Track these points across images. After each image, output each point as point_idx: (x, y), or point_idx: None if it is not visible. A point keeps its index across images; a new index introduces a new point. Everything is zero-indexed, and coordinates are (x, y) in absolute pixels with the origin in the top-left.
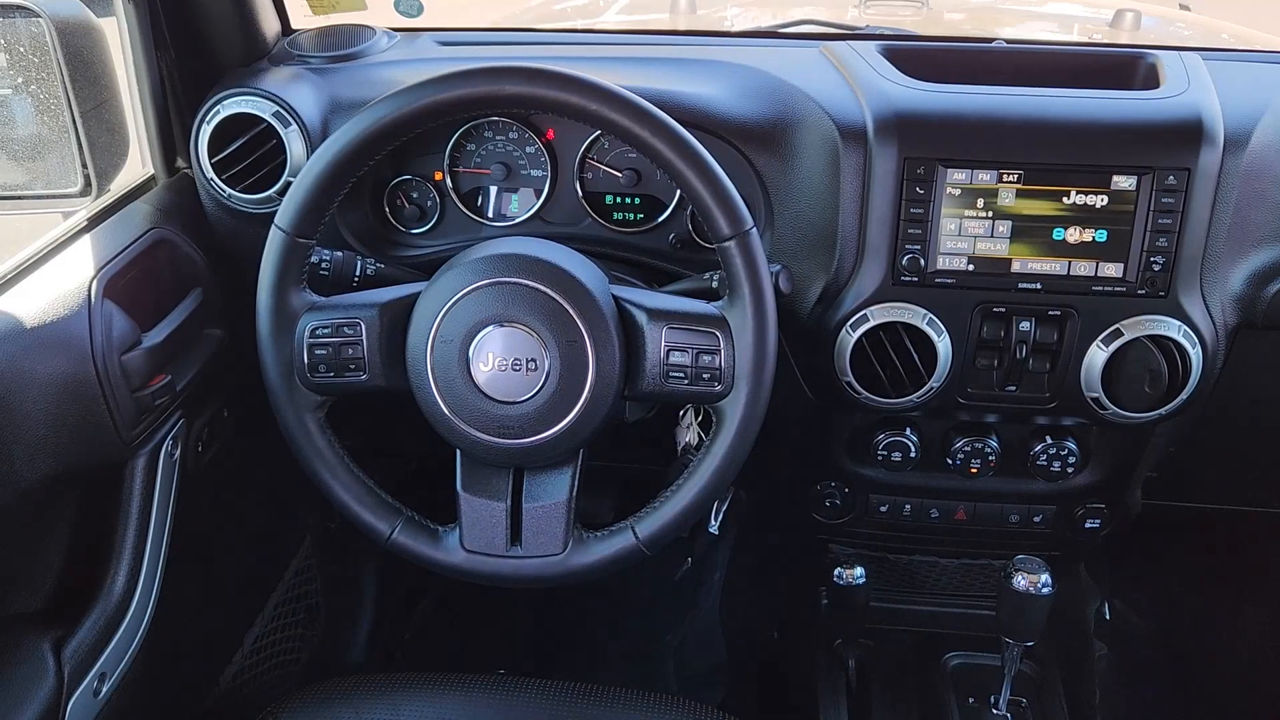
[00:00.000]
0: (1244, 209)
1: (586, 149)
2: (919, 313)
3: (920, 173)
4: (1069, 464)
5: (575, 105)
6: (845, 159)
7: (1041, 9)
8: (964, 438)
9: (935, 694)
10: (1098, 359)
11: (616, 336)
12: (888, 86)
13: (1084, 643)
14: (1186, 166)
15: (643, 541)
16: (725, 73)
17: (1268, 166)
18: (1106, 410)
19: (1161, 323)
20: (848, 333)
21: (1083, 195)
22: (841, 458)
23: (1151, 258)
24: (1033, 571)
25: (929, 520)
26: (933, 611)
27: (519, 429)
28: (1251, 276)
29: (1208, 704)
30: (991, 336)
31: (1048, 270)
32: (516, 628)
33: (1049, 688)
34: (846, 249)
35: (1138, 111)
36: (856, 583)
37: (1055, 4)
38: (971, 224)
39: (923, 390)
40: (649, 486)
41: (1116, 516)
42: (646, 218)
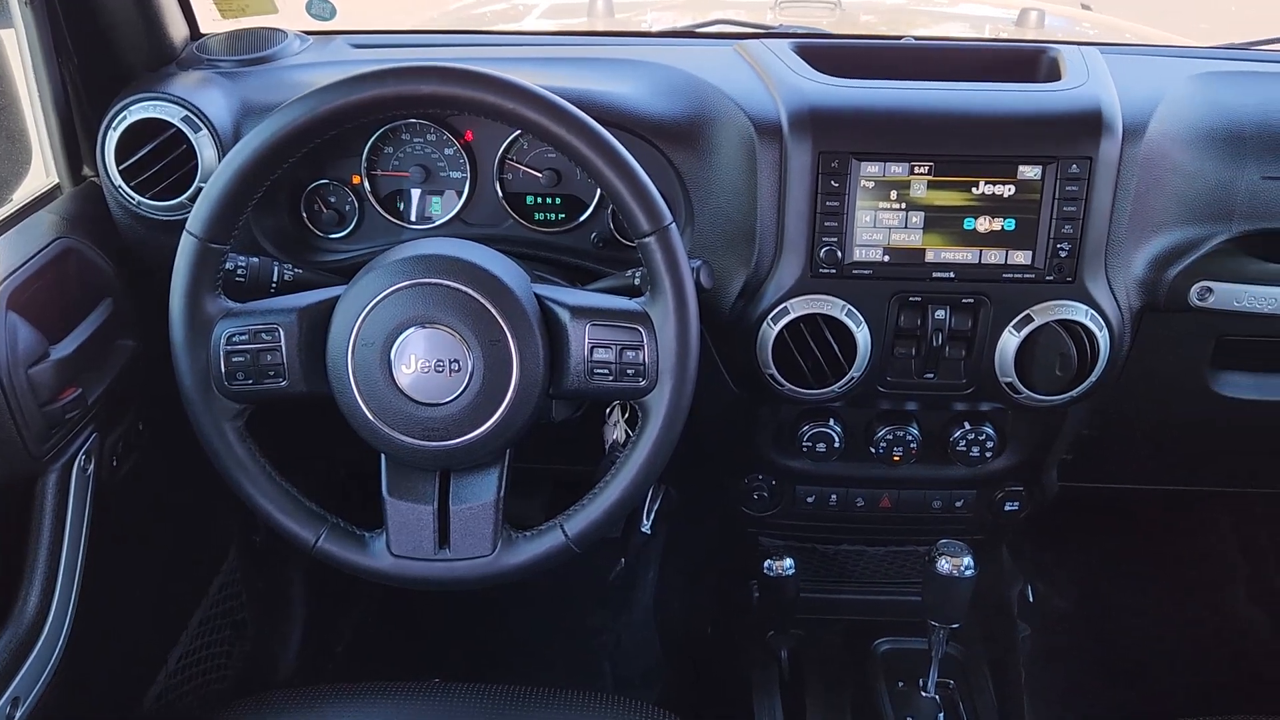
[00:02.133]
0: (1143, 196)
1: (506, 150)
2: (837, 304)
3: (834, 166)
4: (987, 449)
5: (491, 105)
6: (761, 154)
7: (953, 10)
8: (886, 426)
9: (866, 680)
10: (1010, 344)
11: (540, 335)
12: (801, 82)
13: (1008, 624)
14: (1088, 155)
15: (572, 539)
16: (642, 72)
17: (1164, 155)
18: (1020, 394)
19: (1069, 307)
20: (769, 325)
21: (991, 185)
22: (767, 450)
23: (1058, 245)
24: (955, 555)
25: (855, 509)
26: (862, 599)
27: (444, 431)
28: (1153, 261)
29: (1129, 680)
30: (908, 325)
31: (960, 259)
32: (451, 633)
33: (975, 669)
34: (765, 243)
35: (1040, 103)
36: (786, 574)
37: (966, 5)
38: (886, 215)
39: (844, 380)
40: (579, 486)
41: (1034, 499)
42: (568, 217)
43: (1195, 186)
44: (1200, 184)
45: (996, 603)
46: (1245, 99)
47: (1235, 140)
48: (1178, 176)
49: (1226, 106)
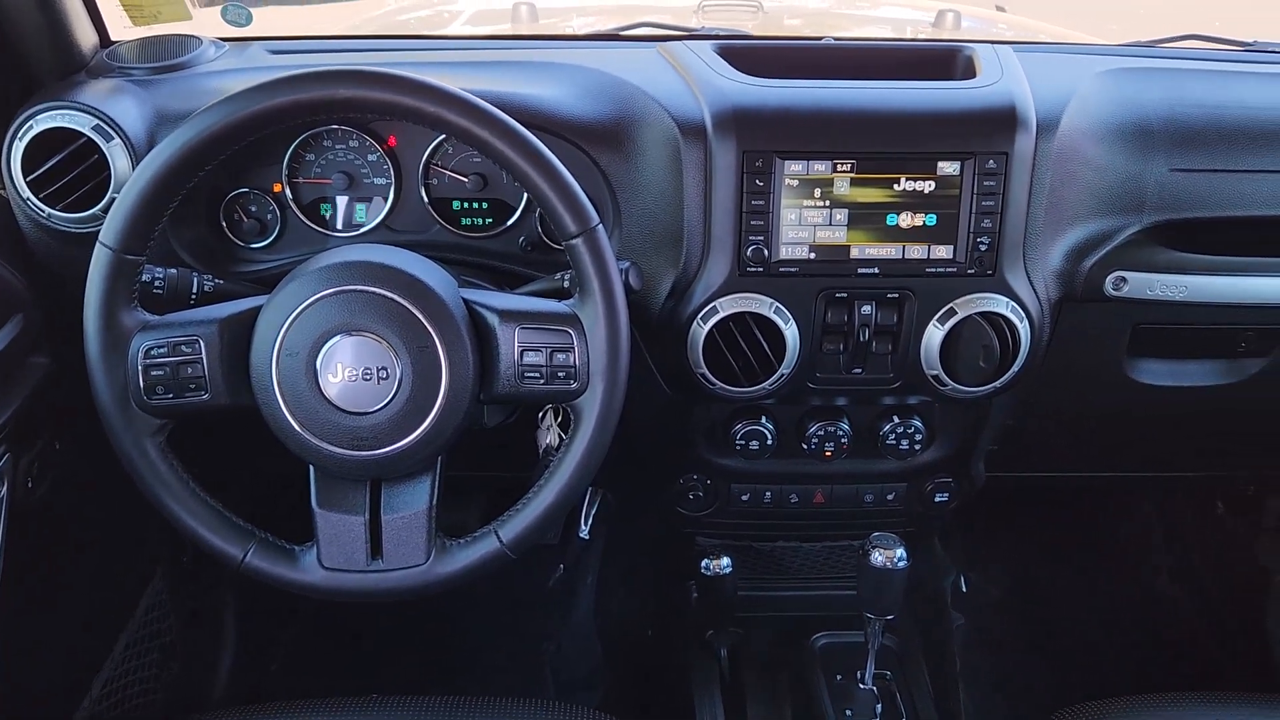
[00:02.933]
0: (1058, 189)
1: (430, 155)
2: (766, 302)
3: (759, 165)
4: (916, 441)
5: (412, 108)
6: (686, 155)
7: (874, 13)
8: (817, 422)
9: (805, 675)
10: (935, 338)
11: (469, 340)
12: (724, 83)
13: (942, 614)
14: (1004, 151)
15: (507, 545)
16: (565, 74)
17: (1076, 149)
18: (946, 386)
19: (991, 300)
20: (699, 325)
21: (912, 182)
22: (701, 449)
23: (978, 239)
24: (888, 547)
25: (789, 505)
26: (799, 595)
27: (373, 440)
28: (1069, 252)
29: (1060, 663)
30: (835, 321)
31: (884, 255)
32: (390, 645)
33: (911, 659)
34: (693, 243)
35: (957, 101)
36: (724, 572)
37: (886, 8)
38: (811, 213)
39: (774, 377)
40: (515, 493)
41: (963, 489)
42: (495, 221)
43: (1107, 180)
44: (1112, 177)
45: (930, 593)
46: (1152, 94)
47: (1143, 134)
48: (1090, 170)
49: (1134, 102)
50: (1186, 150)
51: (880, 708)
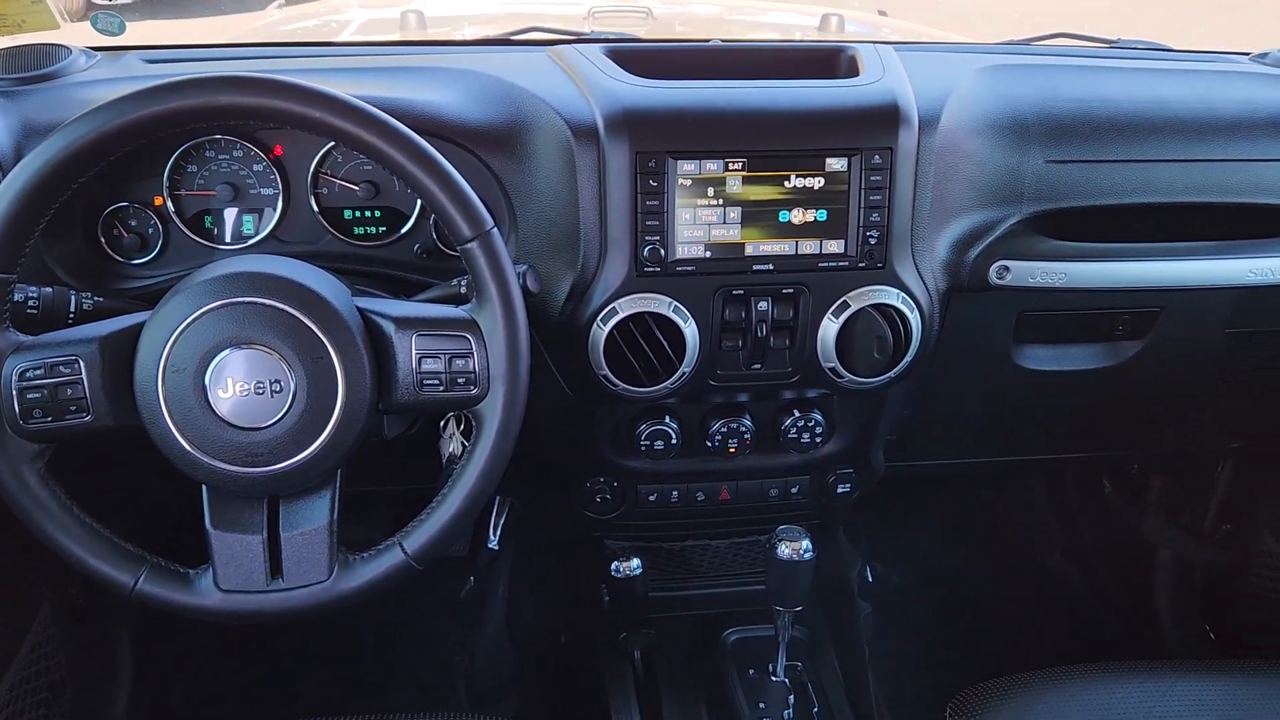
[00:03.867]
0: (941, 183)
1: (318, 163)
2: (665, 301)
3: (652, 165)
4: (817, 434)
5: (297, 115)
6: (580, 157)
7: (762, 18)
8: (720, 419)
9: (718, 671)
10: (830, 331)
11: (365, 349)
12: (614, 85)
13: (850, 604)
14: (888, 146)
15: (412, 556)
16: (455, 79)
17: (957, 143)
18: (843, 378)
19: (882, 292)
20: (599, 327)
21: (802, 178)
22: (607, 451)
23: (867, 233)
24: (794, 539)
25: (696, 503)
26: (710, 593)
27: (268, 455)
28: (954, 244)
29: (965, 646)
30: (733, 318)
31: (778, 251)
32: (298, 667)
33: (821, 649)
34: (590, 245)
35: (842, 98)
36: (634, 573)
37: (774, 14)
38: (705, 212)
39: (676, 376)
40: (422, 505)
41: (864, 479)
42: (389, 230)
43: (987, 172)
44: (991, 170)
45: (837, 584)
46: (1026, 89)
47: (1019, 128)
48: (971, 164)
49: (1010, 97)
50: (1059, 142)
51: (793, 699)
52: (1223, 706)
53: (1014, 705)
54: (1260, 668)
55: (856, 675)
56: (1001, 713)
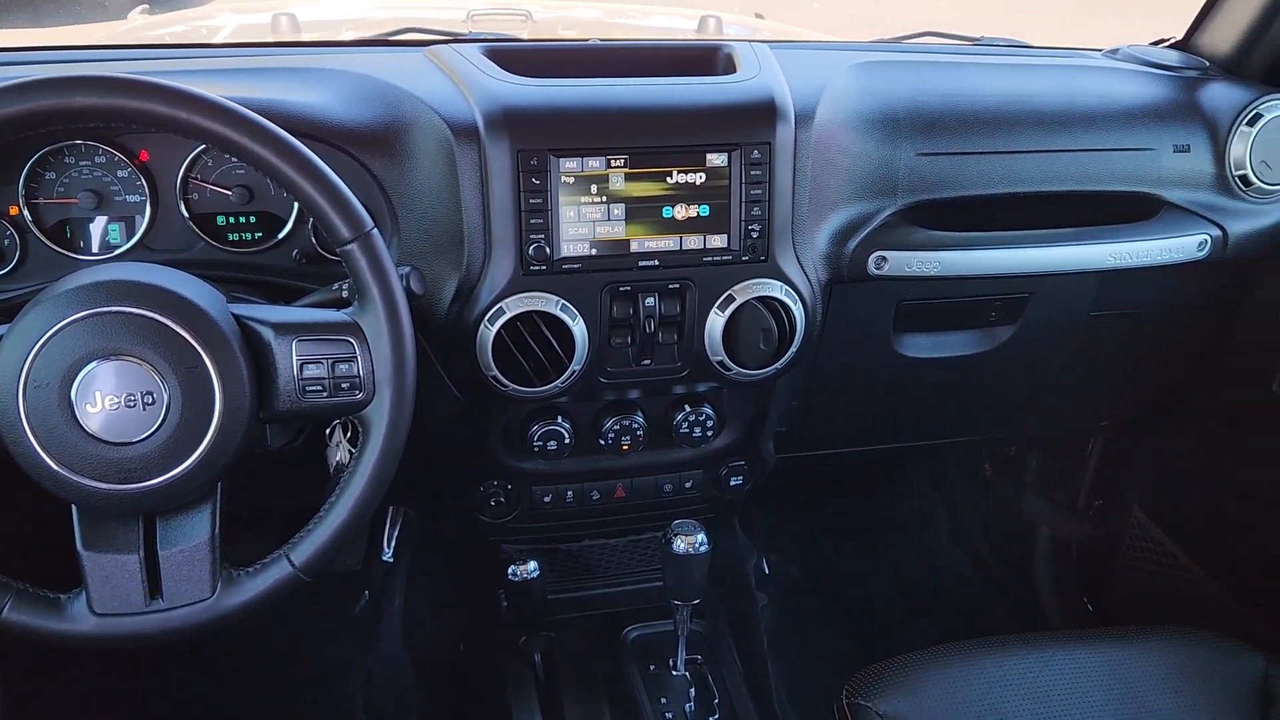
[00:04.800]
0: (819, 176)
1: (188, 168)
2: (552, 300)
3: (534, 164)
4: (708, 428)
5: (165, 116)
6: (461, 157)
7: (643, 22)
8: (612, 417)
9: (619, 669)
10: (717, 324)
11: (242, 356)
12: (493, 84)
13: (748, 596)
14: (766, 141)
15: (300, 568)
16: (330, 79)
17: (833, 138)
18: (731, 371)
19: (766, 285)
20: (486, 327)
21: (683, 174)
22: (499, 454)
23: (749, 226)
24: (689, 533)
25: (592, 502)
26: (609, 593)
27: (142, 470)
28: (833, 236)
29: (858, 631)
30: (621, 315)
31: (663, 247)
32: (187, 690)
33: (720, 642)
34: (474, 245)
35: (720, 94)
36: (531, 576)
37: (655, 18)
38: (589, 209)
39: (566, 375)
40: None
41: (755, 471)
42: (265, 235)
43: (862, 165)
44: (866, 163)
45: (734, 577)
46: (897, 85)
47: (891, 122)
48: (846, 157)
49: (881, 92)
50: (930, 136)
51: (694, 692)
52: (1099, 673)
53: (907, 683)
54: (1132, 633)
55: (756, 665)
56: (895, 691)
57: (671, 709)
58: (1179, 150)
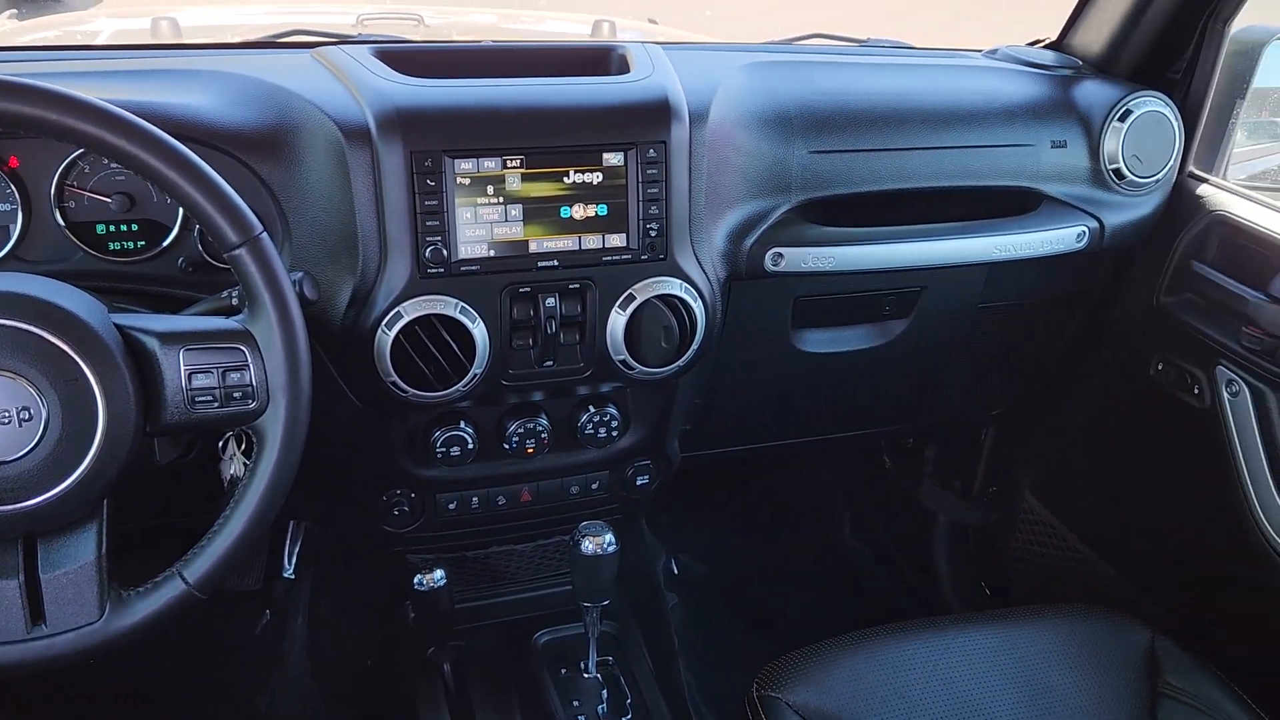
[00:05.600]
0: (715, 175)
1: (63, 174)
2: (451, 303)
3: (428, 165)
4: (613, 429)
5: (32, 118)
6: (353, 159)
7: (538, 27)
8: (516, 420)
9: (530, 674)
10: (618, 323)
11: (126, 369)
12: (384, 84)
13: (657, 596)
14: (661, 139)
15: (194, 586)
16: (214, 81)
17: (727, 136)
18: (634, 370)
19: (665, 283)
20: (384, 332)
21: (580, 174)
22: (402, 462)
23: (647, 225)
24: (597, 534)
25: (498, 508)
26: (518, 599)
27: (20, 489)
28: (730, 233)
29: (766, 625)
30: (522, 317)
31: (562, 247)
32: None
33: (631, 643)
34: (369, 249)
35: (616, 94)
36: (438, 585)
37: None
38: (486, 210)
39: (467, 378)
40: None
41: (661, 470)
42: (149, 244)
43: (756, 164)
44: (760, 161)
45: (643, 578)
46: (788, 84)
47: (784, 120)
48: (741, 155)
49: (773, 91)
50: (821, 134)
51: (605, 693)
52: (997, 652)
53: (815, 673)
54: (1027, 613)
55: (667, 664)
56: (804, 682)
57: (584, 711)
58: (1056, 146)
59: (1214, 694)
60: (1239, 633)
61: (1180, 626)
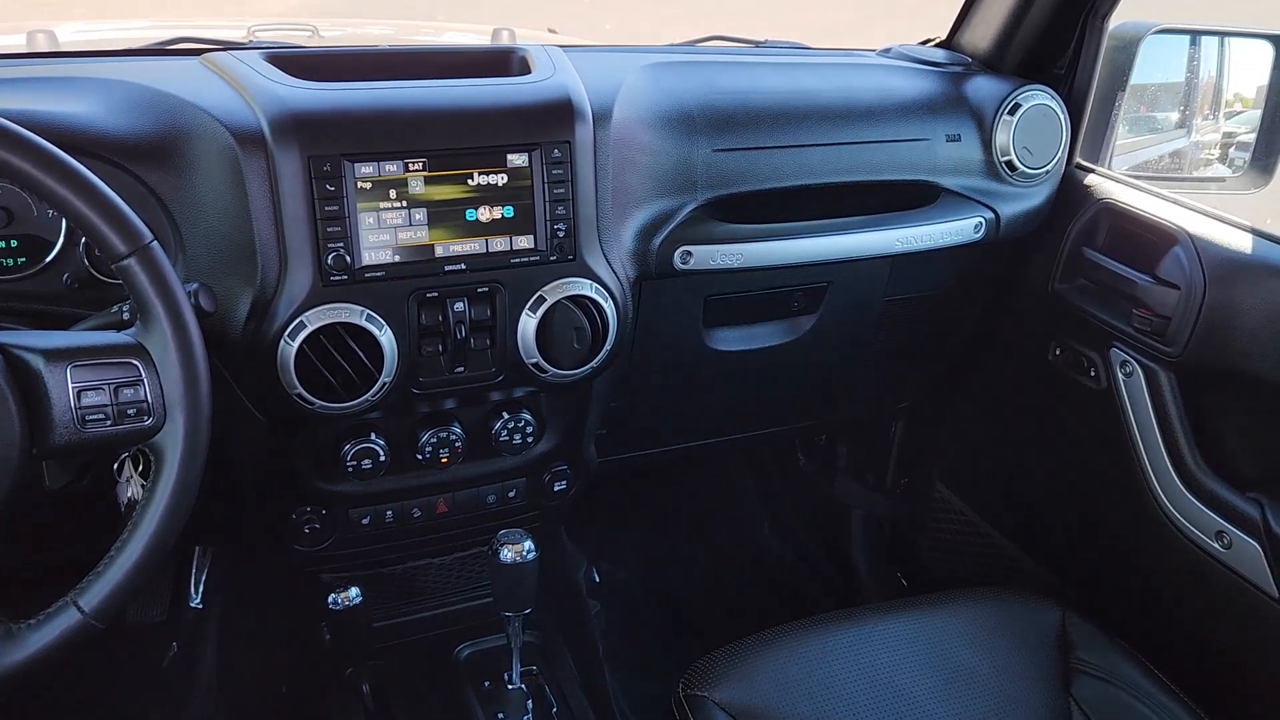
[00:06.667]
0: (621, 175)
1: None
2: (356, 310)
3: (327, 169)
4: (528, 435)
5: None
6: (247, 165)
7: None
8: (429, 430)
9: (454, 688)
10: (529, 326)
11: (8, 389)
12: (278, 89)
13: (580, 604)
14: (566, 139)
15: (90, 614)
16: (96, 88)
17: (631, 136)
18: (547, 373)
19: (575, 284)
20: (287, 343)
21: (485, 175)
22: (311, 478)
23: (555, 226)
24: (516, 542)
25: (413, 520)
26: (438, 614)
27: None
28: (638, 233)
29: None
30: (430, 322)
31: (468, 250)
32: None
33: (555, 652)
34: (268, 257)
35: (518, 94)
36: (354, 603)
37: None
38: (389, 215)
39: (376, 387)
40: None
41: (579, 474)
42: (30, 260)
43: (662, 163)
44: (665, 160)
45: (566, 587)
46: (689, 84)
47: (686, 120)
48: (645, 155)
49: (675, 91)
50: (724, 132)
51: (531, 704)
52: (915, 639)
53: (740, 670)
54: (942, 599)
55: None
56: (730, 679)
57: None
58: (951, 140)
59: (1123, 666)
60: (1144, 606)
61: (1089, 603)
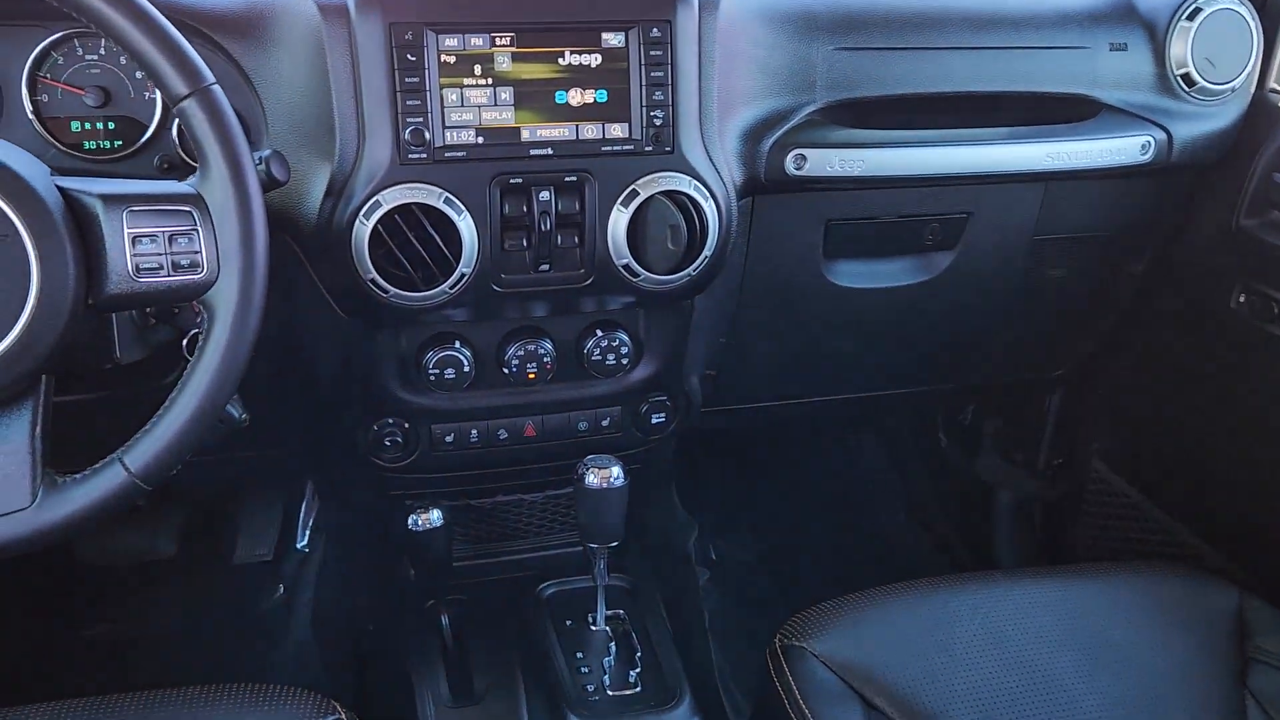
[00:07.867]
0: (728, 67)
1: (35, 65)
2: (435, 192)
3: (409, 39)
4: (623, 356)
5: None
6: (329, 36)
7: None
8: (516, 343)
9: (533, 626)
10: (620, 222)
11: (66, 230)
12: None
13: (686, 570)
14: (666, 19)
15: (137, 474)
16: None
17: (741, 26)
18: (639, 276)
19: (673, 178)
20: (362, 223)
21: (577, 55)
22: (393, 387)
23: (652, 113)
24: (603, 466)
25: (499, 442)
26: (526, 557)
27: None
28: (746, 133)
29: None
30: (514, 213)
31: (557, 135)
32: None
33: (648, 604)
34: (346, 132)
35: None
36: (434, 525)
37: None
38: (473, 92)
39: (455, 278)
40: None
41: (679, 408)
42: (125, 143)
43: (776, 58)
44: (780, 55)
45: (671, 551)
46: None
47: (805, 12)
48: (758, 48)
49: None
50: (849, 29)
51: (614, 647)
52: (1058, 607)
53: (845, 622)
54: (1094, 569)
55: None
56: (832, 631)
57: (589, 663)
58: (1116, 48)
59: None
60: None
61: (1273, 589)
